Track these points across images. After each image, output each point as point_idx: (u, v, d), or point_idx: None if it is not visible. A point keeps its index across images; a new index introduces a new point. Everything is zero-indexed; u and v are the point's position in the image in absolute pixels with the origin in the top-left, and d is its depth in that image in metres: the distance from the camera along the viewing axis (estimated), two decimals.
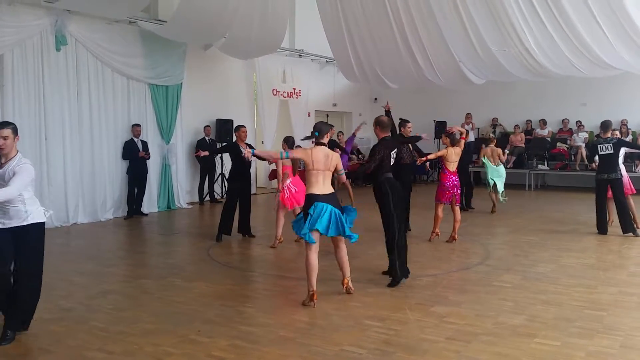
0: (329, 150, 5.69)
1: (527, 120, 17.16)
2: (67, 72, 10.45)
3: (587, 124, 15.93)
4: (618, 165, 9.05)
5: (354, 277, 6.48)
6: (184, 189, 13.03)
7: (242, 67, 14.51)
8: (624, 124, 15.22)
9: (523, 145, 16.50)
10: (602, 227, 9.14)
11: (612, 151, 8.87)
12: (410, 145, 8.86)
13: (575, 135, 16.05)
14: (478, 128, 17.70)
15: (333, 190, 5.63)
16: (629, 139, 9.60)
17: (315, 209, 5.39)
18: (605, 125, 9.10)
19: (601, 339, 4.54)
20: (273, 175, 8.96)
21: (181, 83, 12.60)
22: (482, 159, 11.64)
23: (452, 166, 8.41)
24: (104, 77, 11.13)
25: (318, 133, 5.64)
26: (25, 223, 4.50)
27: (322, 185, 5.51)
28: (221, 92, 13.99)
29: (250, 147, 8.38)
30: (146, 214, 11.65)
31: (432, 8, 10.96)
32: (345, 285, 5.80)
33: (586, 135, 15.85)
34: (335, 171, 5.72)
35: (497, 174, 11.28)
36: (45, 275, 6.79)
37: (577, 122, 16.20)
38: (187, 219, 11.58)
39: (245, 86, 14.95)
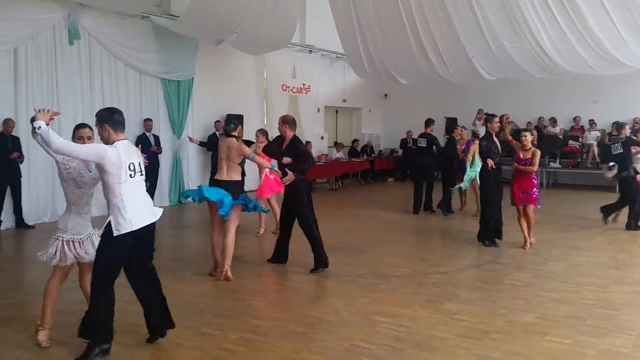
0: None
1: (539, 118, 17.07)
2: (79, 66, 10.52)
3: (599, 122, 15.82)
4: (629, 163, 9.14)
5: (363, 272, 6.51)
6: (195, 184, 13.06)
7: (252, 62, 14.53)
8: (636, 122, 15.10)
9: (535, 142, 16.39)
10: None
11: (621, 150, 9.06)
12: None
13: (587, 133, 15.93)
14: None
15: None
16: None
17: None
18: (618, 126, 9.58)
19: (613, 338, 4.52)
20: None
21: (193, 78, 12.65)
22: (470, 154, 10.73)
23: None
24: (116, 71, 11.20)
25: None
26: None
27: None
28: (232, 87, 14.00)
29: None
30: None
31: (445, 3, 10.92)
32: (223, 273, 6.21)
33: (598, 134, 15.73)
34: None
35: (474, 170, 10.44)
36: None
37: (589, 120, 16.07)
38: (198, 213, 11.62)
39: (256, 81, 14.96)
